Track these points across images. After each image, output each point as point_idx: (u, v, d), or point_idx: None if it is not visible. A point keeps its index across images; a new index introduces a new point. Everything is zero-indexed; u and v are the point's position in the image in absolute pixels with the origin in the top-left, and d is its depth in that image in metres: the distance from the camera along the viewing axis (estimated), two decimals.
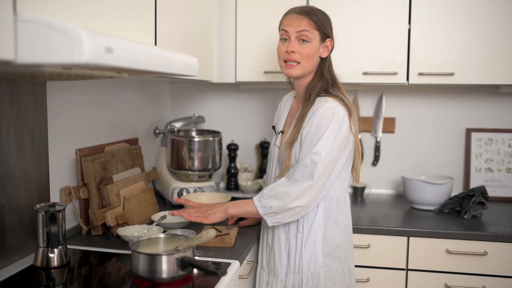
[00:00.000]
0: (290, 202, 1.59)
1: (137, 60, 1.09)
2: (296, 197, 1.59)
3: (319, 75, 1.73)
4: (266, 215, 1.64)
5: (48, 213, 1.46)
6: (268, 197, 1.63)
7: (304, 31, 1.67)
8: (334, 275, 1.70)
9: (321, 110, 1.62)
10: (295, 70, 1.71)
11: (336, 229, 1.70)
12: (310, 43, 1.68)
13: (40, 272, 1.45)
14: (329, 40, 1.73)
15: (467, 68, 2.21)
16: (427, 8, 2.21)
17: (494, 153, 2.58)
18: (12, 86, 1.46)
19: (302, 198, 1.60)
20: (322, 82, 1.72)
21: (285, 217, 1.63)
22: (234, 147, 2.63)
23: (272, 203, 1.61)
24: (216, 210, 1.71)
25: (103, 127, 2.03)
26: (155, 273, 1.33)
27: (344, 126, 1.62)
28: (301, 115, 1.69)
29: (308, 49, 1.68)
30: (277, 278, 1.74)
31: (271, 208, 1.62)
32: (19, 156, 1.50)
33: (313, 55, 1.69)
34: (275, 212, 1.62)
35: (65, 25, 0.86)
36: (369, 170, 2.71)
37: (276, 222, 1.65)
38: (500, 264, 1.98)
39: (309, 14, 1.69)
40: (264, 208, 1.63)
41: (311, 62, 1.71)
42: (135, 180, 2.01)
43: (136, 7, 1.46)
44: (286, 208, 1.60)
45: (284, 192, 1.60)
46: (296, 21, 1.68)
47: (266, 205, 1.62)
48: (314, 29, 1.68)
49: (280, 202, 1.60)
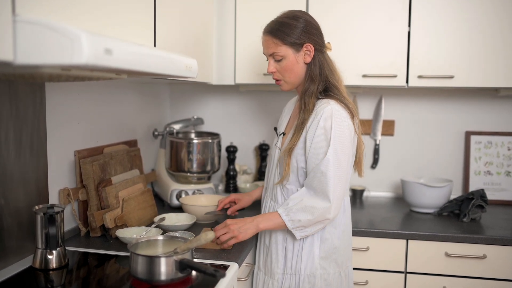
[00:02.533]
0: (319, 215, 1.59)
1: (136, 61, 1.09)
2: (325, 211, 1.58)
3: (309, 79, 1.70)
4: (295, 229, 1.62)
5: (47, 215, 1.45)
6: (296, 211, 1.60)
7: (273, 53, 1.69)
8: (331, 278, 1.69)
9: (324, 113, 1.60)
10: (284, 86, 1.75)
11: (334, 231, 1.70)
12: (284, 59, 1.68)
13: (38, 273, 1.45)
14: (307, 45, 1.68)
15: (466, 71, 2.21)
16: (427, 10, 2.21)
17: (493, 156, 2.58)
18: (11, 87, 1.46)
19: (332, 211, 1.59)
20: (314, 85, 1.69)
21: (313, 229, 1.63)
22: (233, 149, 2.63)
23: (301, 216, 1.60)
24: (247, 227, 1.64)
25: (102, 129, 2.03)
26: (154, 275, 1.32)
27: (349, 127, 1.63)
28: (301, 121, 1.68)
29: (285, 65, 1.69)
30: (274, 278, 1.74)
31: (300, 222, 1.60)
32: (18, 158, 1.50)
33: (291, 68, 1.69)
34: (304, 225, 1.61)
35: (64, 26, 0.86)
36: (368, 172, 2.70)
37: (305, 235, 1.64)
38: (499, 267, 1.97)
39: (272, 32, 1.68)
40: (292, 222, 1.61)
41: (294, 75, 1.70)
42: (134, 182, 2.01)
43: (135, 9, 1.46)
44: (315, 222, 1.60)
45: (312, 206, 1.59)
46: (265, 43, 1.72)
47: (295, 219, 1.60)
48: (280, 45, 1.67)
49: (309, 216, 1.59)
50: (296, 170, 1.68)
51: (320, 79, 1.69)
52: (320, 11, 2.24)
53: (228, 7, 2.36)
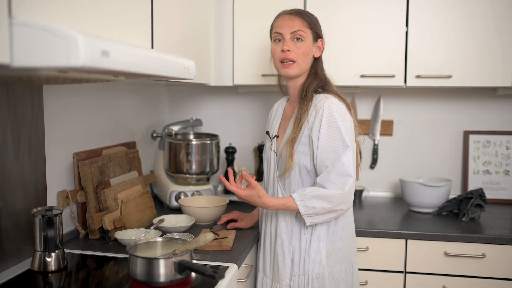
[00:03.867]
0: (336, 205, 1.60)
1: (134, 63, 1.09)
2: (341, 200, 1.60)
3: (313, 74, 1.76)
4: (307, 215, 1.61)
5: (45, 217, 1.45)
6: (312, 197, 1.60)
7: (298, 30, 1.71)
8: (338, 275, 1.69)
9: (324, 107, 1.63)
10: (292, 69, 1.72)
11: (337, 228, 1.70)
12: (304, 41, 1.71)
13: (37, 276, 1.44)
14: (321, 40, 1.77)
15: (464, 70, 2.21)
16: (424, 10, 2.21)
17: (492, 156, 2.58)
18: (9, 90, 1.46)
19: (347, 201, 1.62)
20: (317, 81, 1.74)
21: (324, 218, 1.63)
22: (231, 150, 2.63)
23: (317, 204, 1.59)
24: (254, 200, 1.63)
25: (100, 131, 2.02)
26: (153, 277, 1.32)
27: (350, 119, 1.66)
28: (300, 112, 1.69)
29: (303, 48, 1.71)
30: (281, 283, 1.73)
31: (314, 208, 1.60)
32: (16, 160, 1.49)
33: (307, 53, 1.72)
34: (317, 213, 1.61)
35: (61, 28, 0.86)
36: (367, 172, 2.71)
37: (315, 223, 1.64)
38: (498, 266, 1.97)
39: (301, 14, 1.74)
40: (306, 208, 1.60)
41: (306, 61, 1.73)
42: (132, 183, 2.01)
43: (133, 10, 1.46)
44: (331, 211, 1.61)
45: (329, 195, 1.59)
46: (289, 21, 1.71)
47: (309, 205, 1.60)
48: (307, 28, 1.72)
49: (326, 204, 1.59)
50: (298, 169, 1.68)
51: (320, 77, 1.76)
52: (318, 12, 2.23)
53: (226, 8, 2.36)
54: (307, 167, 1.67)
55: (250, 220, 2.00)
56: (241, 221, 1.98)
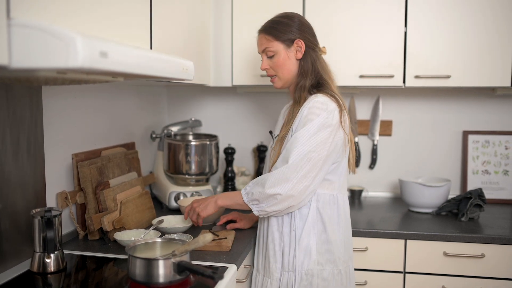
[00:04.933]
0: (269, 187, 1.59)
1: (132, 64, 1.09)
2: (274, 182, 1.59)
3: (300, 74, 1.75)
4: (250, 203, 1.65)
5: (45, 218, 1.45)
6: (252, 184, 1.66)
7: (265, 48, 1.76)
8: (328, 275, 1.69)
9: (310, 103, 1.65)
10: (277, 83, 1.80)
11: (329, 228, 1.69)
12: (276, 55, 1.75)
13: (36, 277, 1.44)
14: (298, 41, 1.73)
15: (463, 70, 2.21)
16: (423, 10, 2.22)
17: (491, 156, 2.58)
18: (7, 91, 1.46)
19: (281, 184, 1.58)
20: (305, 80, 1.72)
21: (268, 205, 1.61)
22: (231, 151, 2.63)
23: (254, 189, 1.63)
24: (207, 203, 1.76)
25: (99, 132, 2.02)
26: (152, 277, 1.32)
27: (333, 119, 1.63)
28: (291, 112, 1.73)
29: (276, 61, 1.75)
30: (272, 278, 1.74)
31: (253, 194, 1.63)
32: (15, 161, 1.49)
33: (283, 64, 1.74)
34: (257, 199, 1.62)
35: (59, 29, 0.86)
36: (366, 173, 2.71)
37: (261, 211, 1.64)
38: (498, 266, 1.98)
39: (264, 30, 1.78)
40: (247, 195, 1.65)
41: (286, 70, 1.75)
42: (131, 184, 2.01)
43: (132, 12, 1.46)
44: (266, 195, 1.60)
45: (264, 178, 1.62)
46: (258, 41, 1.81)
47: (250, 191, 1.65)
48: (273, 41, 1.74)
49: (260, 188, 1.61)
50: None
51: (311, 74, 1.73)
52: (316, 12, 2.25)
53: (225, 9, 2.36)
54: None
55: (249, 221, 2.00)
56: (240, 221, 1.98)
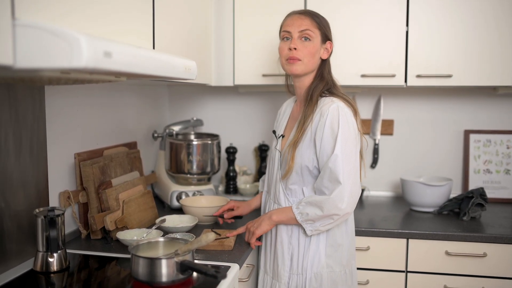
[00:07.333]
0: (327, 210, 1.59)
1: (136, 64, 1.10)
2: (332, 205, 1.58)
3: (319, 76, 1.75)
4: (304, 222, 1.64)
5: (47, 218, 1.46)
6: (305, 204, 1.63)
7: (307, 29, 1.71)
8: (336, 277, 1.70)
9: (329, 111, 1.62)
10: (297, 67, 1.71)
11: (338, 230, 1.71)
12: (312, 41, 1.71)
13: (39, 276, 1.45)
14: (329, 43, 1.76)
15: (465, 69, 2.21)
16: (424, 10, 2.21)
17: (492, 155, 2.58)
18: (10, 91, 1.46)
19: (338, 205, 1.58)
20: (323, 84, 1.74)
21: (322, 224, 1.63)
22: (232, 150, 2.63)
23: (309, 210, 1.62)
24: (261, 220, 1.73)
25: (101, 131, 2.03)
26: (155, 277, 1.33)
27: (353, 124, 1.65)
28: (304, 116, 1.70)
29: (310, 47, 1.70)
30: (281, 281, 1.74)
31: (307, 215, 1.62)
32: (17, 161, 1.50)
33: (314, 53, 1.72)
34: (312, 219, 1.62)
35: (64, 30, 0.87)
36: (368, 172, 2.71)
37: (315, 230, 1.65)
38: (499, 265, 1.98)
39: (311, 15, 1.74)
40: (301, 215, 1.63)
41: (313, 61, 1.72)
42: (134, 184, 2.01)
43: (134, 11, 1.46)
44: (323, 216, 1.60)
45: (320, 201, 1.60)
46: (299, 20, 1.72)
47: (303, 211, 1.63)
48: (315, 28, 1.72)
49: (317, 210, 1.60)
50: (300, 169, 1.69)
51: (328, 79, 1.75)
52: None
53: (226, 8, 2.36)
54: (309, 167, 1.67)
55: (247, 207, 2.00)
56: (237, 208, 1.99)
